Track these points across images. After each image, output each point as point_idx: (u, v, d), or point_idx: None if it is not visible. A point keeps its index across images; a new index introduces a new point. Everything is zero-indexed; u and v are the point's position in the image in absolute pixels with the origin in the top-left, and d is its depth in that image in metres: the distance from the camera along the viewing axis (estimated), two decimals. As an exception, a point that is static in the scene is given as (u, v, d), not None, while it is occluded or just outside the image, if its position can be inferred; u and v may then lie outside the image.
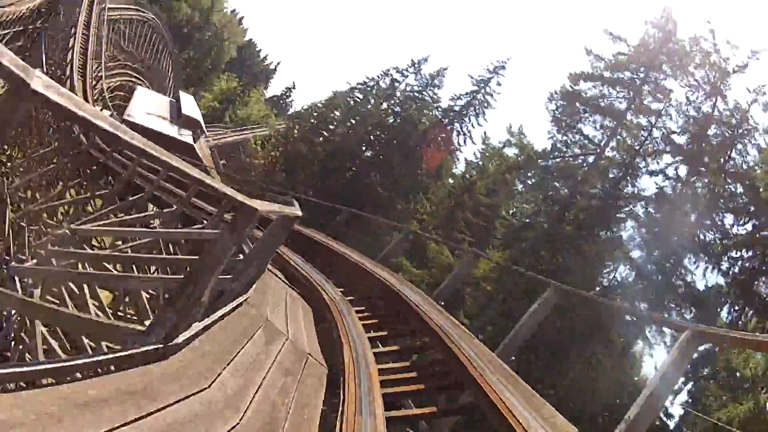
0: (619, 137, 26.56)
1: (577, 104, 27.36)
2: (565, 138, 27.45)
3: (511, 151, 31.28)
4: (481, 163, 33.66)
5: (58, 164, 16.33)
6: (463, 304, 21.90)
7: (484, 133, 37.86)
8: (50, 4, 38.36)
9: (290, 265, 12.23)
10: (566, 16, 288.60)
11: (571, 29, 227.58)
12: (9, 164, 21.05)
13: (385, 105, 38.51)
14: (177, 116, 34.03)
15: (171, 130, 30.85)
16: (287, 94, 74.88)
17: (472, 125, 36.08)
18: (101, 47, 36.17)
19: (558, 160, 27.24)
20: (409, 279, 15.96)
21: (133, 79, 44.62)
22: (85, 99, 28.35)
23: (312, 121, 39.82)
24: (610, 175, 25.54)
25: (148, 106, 32.68)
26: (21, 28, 34.58)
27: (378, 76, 39.29)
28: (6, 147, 21.46)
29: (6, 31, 33.56)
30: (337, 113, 39.58)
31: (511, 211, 29.74)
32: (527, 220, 26.58)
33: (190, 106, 37.76)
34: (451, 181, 36.39)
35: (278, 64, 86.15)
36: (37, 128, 19.88)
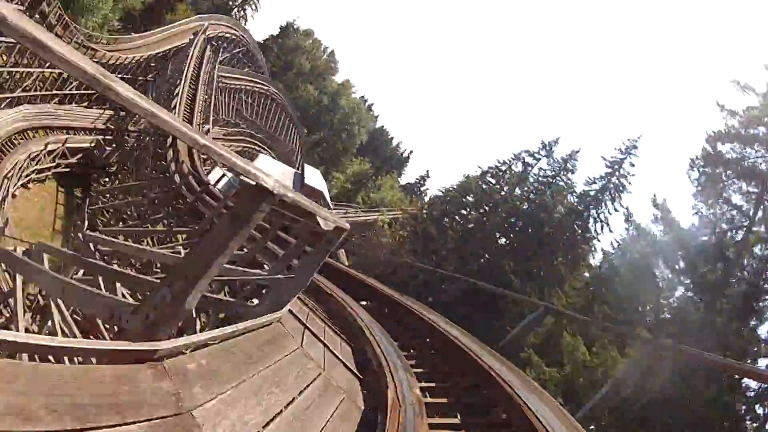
0: (764, 205, 23.84)
1: (719, 169, 25.04)
2: (711, 211, 25.05)
3: (656, 228, 28.51)
4: (619, 252, 31.14)
5: (147, 196, 17.43)
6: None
7: (627, 209, 35.34)
8: (161, 59, 40.75)
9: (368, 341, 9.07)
10: (695, 70, 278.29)
11: (704, 83, 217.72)
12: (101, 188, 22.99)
13: (518, 191, 37.58)
14: (299, 187, 34.11)
15: (288, 199, 30.70)
16: (421, 182, 75.18)
17: (609, 211, 33.94)
18: (209, 101, 36.96)
19: (705, 237, 24.70)
20: (536, 377, 13.71)
21: (257, 148, 46.14)
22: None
23: (444, 205, 39.22)
24: (758, 252, 22.88)
25: (268, 172, 32.84)
26: (129, 77, 37.02)
27: (510, 160, 38.49)
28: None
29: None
30: (470, 198, 38.63)
31: (651, 306, 26.59)
32: (671, 315, 23.75)
33: (314, 177, 38.02)
34: (586, 274, 33.81)
35: (411, 152, 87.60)
36: (136, 162, 21.15)
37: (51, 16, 30.87)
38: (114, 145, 26.76)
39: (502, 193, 37.55)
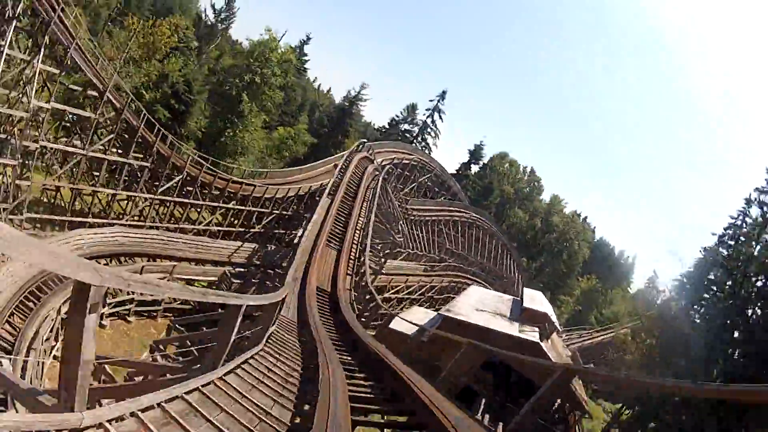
0: None
1: None
2: None
3: None
4: None
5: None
6: None
7: None
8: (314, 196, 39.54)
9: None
10: None
11: None
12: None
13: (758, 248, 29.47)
14: (519, 313, 29.67)
15: (505, 327, 25.88)
16: (650, 285, 66.73)
17: None
18: (370, 220, 34.39)
19: None
20: None
21: (468, 281, 43.13)
22: (337, 263, 27.54)
23: (684, 291, 32.58)
24: None
25: (479, 303, 29.12)
26: (289, 213, 35.65)
27: (743, 208, 31.37)
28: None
29: (265, 210, 34.93)
30: (711, 276, 30.86)
31: None
32: None
33: (534, 300, 33.37)
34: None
35: (635, 257, 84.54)
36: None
37: (189, 161, 31.79)
38: (255, 280, 24.86)
39: (746, 251, 29.44)
